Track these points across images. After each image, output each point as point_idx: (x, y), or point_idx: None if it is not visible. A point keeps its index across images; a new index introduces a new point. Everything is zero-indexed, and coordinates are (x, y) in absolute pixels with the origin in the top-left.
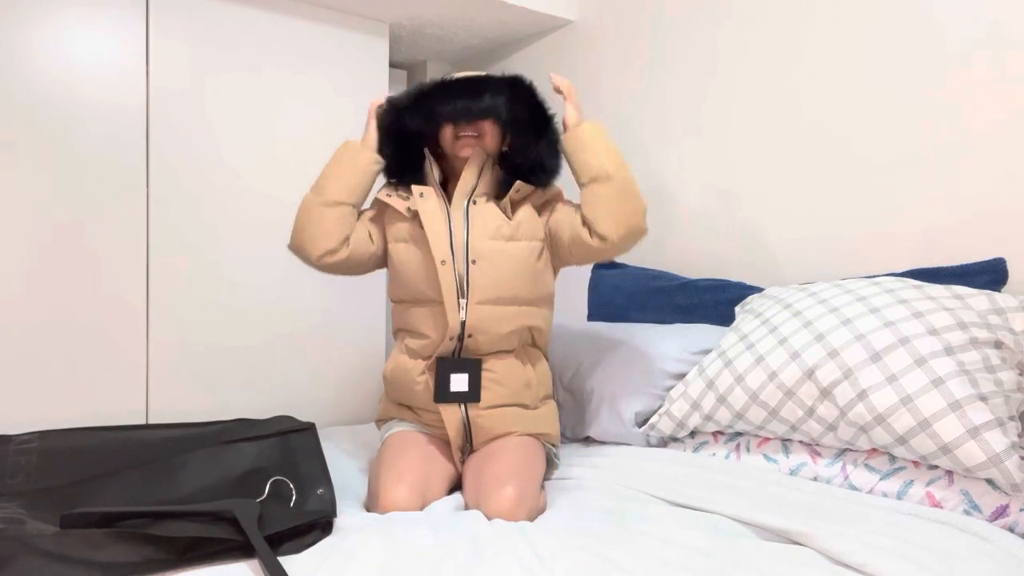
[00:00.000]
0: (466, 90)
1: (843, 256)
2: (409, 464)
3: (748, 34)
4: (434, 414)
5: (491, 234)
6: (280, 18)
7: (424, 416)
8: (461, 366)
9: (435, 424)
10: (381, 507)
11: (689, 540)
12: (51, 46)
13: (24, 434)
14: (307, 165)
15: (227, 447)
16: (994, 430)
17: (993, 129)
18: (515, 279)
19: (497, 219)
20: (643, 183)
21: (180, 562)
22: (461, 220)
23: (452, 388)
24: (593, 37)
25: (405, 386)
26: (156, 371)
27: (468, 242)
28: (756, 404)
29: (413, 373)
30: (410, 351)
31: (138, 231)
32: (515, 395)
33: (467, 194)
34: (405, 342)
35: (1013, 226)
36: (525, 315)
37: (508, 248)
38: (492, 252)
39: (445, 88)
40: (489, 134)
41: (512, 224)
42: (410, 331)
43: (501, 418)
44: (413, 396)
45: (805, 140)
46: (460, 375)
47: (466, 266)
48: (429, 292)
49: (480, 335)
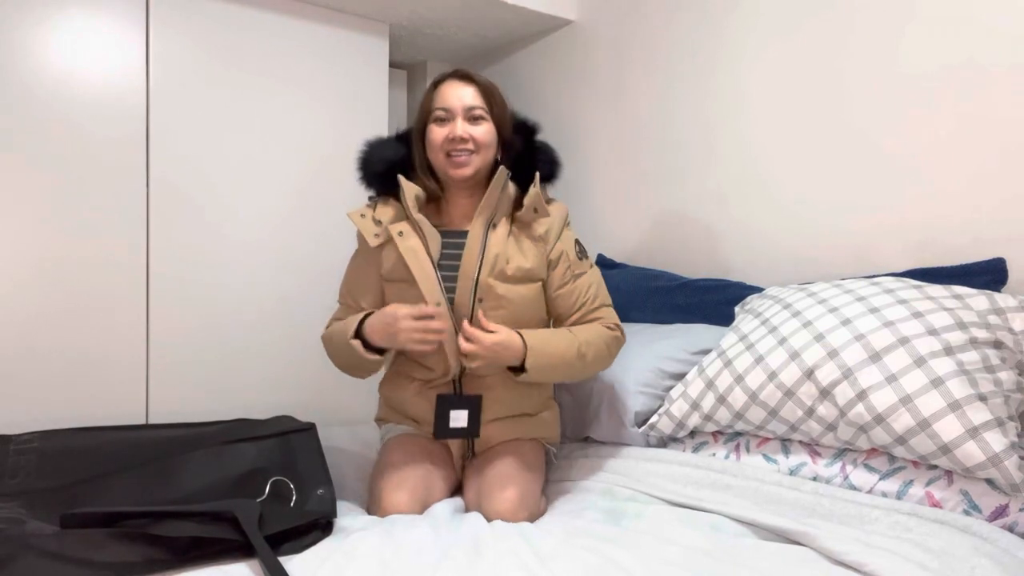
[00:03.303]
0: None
1: (843, 256)
2: (409, 470)
3: (748, 34)
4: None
5: (502, 273)
6: (280, 18)
7: (424, 427)
8: (461, 402)
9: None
10: (382, 511)
11: (689, 540)
12: (51, 46)
13: (24, 434)
14: (307, 165)
15: (227, 447)
16: (993, 430)
17: (993, 129)
18: (517, 321)
19: (511, 254)
20: (643, 183)
21: (180, 562)
22: (477, 248)
23: (451, 424)
24: (593, 37)
25: (403, 402)
26: (156, 371)
27: (479, 278)
28: (756, 404)
29: (410, 393)
30: (407, 375)
31: (138, 231)
32: (516, 407)
33: (488, 218)
34: (403, 366)
35: (1013, 226)
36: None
37: (517, 290)
38: (501, 293)
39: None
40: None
41: (526, 268)
42: (412, 365)
43: (502, 429)
44: (409, 412)
45: (805, 140)
46: (460, 412)
47: (472, 302)
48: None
49: (481, 369)
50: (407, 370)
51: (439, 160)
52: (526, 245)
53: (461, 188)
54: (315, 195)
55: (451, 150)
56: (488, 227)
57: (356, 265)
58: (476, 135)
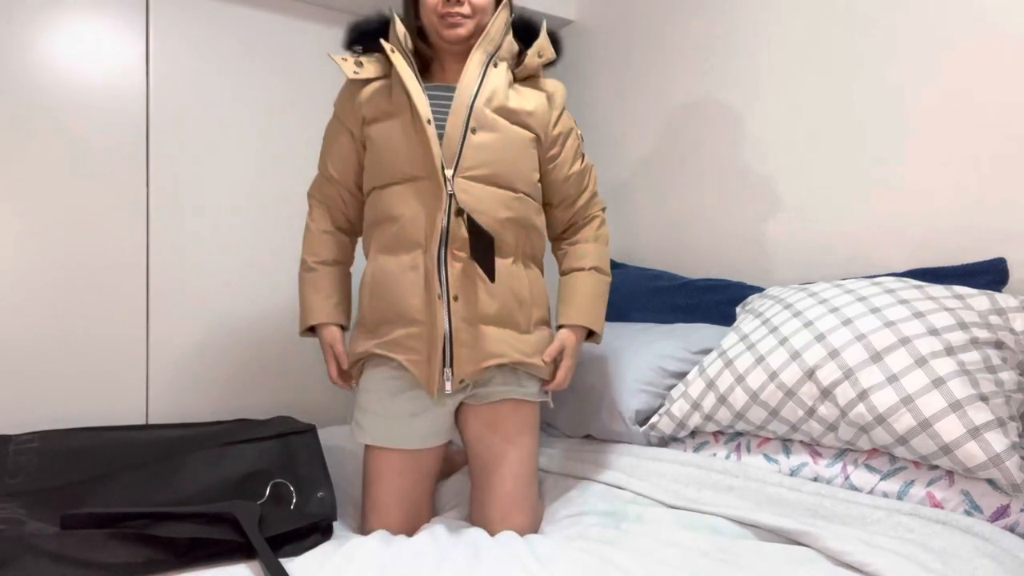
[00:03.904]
0: None
1: (843, 256)
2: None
3: (748, 33)
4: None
5: (501, 106)
6: (280, 18)
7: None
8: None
9: (413, 348)
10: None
11: (689, 541)
12: (51, 46)
13: (24, 434)
14: (307, 165)
15: (227, 448)
16: (995, 430)
17: (994, 129)
18: (512, 165)
19: (511, 95)
20: (643, 183)
21: (181, 563)
22: (474, 76)
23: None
24: (593, 37)
25: (388, 290)
26: (156, 371)
27: (473, 106)
28: (756, 404)
29: (399, 271)
30: (388, 248)
31: (138, 231)
32: (504, 312)
33: (489, 52)
34: (382, 240)
35: (1014, 226)
36: (522, 206)
37: (513, 130)
38: (496, 125)
39: None
40: (481, 9)
41: (527, 109)
42: (386, 219)
43: (487, 339)
44: (398, 301)
45: (805, 140)
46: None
47: (463, 133)
48: (409, 167)
49: (474, 214)
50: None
51: (432, 21)
52: (529, 94)
53: (455, 52)
54: None
55: (445, 12)
56: (488, 63)
57: (332, 133)
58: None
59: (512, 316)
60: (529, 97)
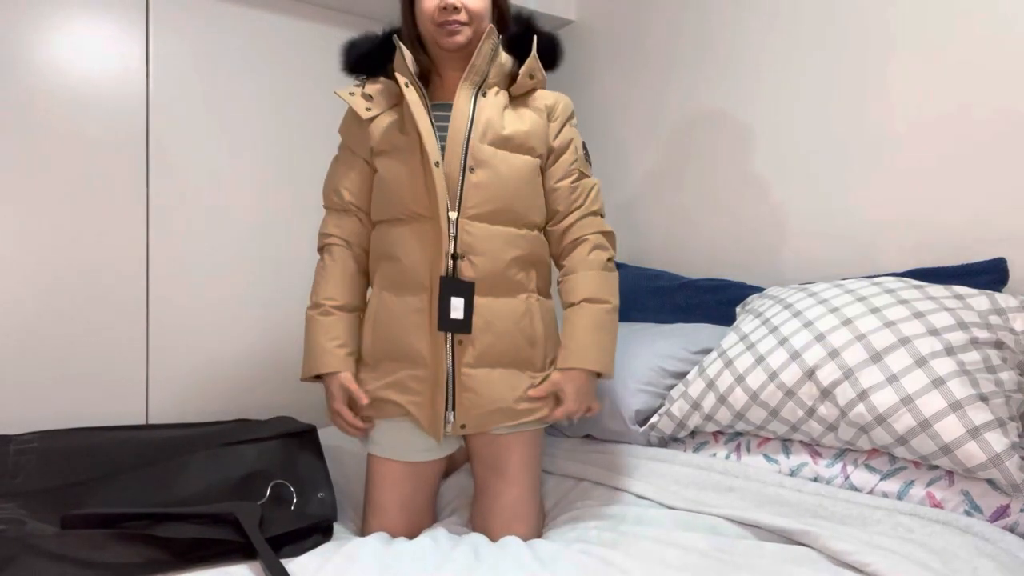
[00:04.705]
0: None
1: (843, 256)
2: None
3: (748, 33)
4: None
5: (497, 137)
6: (281, 18)
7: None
8: (459, 288)
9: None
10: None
11: (689, 541)
12: (51, 46)
13: (24, 434)
14: (307, 165)
15: (228, 449)
16: (994, 430)
17: (994, 130)
18: (515, 199)
19: (507, 120)
20: (643, 183)
21: (181, 563)
22: (465, 114)
23: (451, 315)
24: (593, 37)
25: (391, 330)
26: (156, 371)
27: (468, 144)
28: (756, 404)
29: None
30: (394, 286)
31: (138, 231)
32: (513, 352)
33: (476, 83)
34: (388, 277)
35: (1014, 226)
36: (528, 243)
37: (511, 161)
38: (494, 160)
39: None
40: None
41: (523, 131)
42: (390, 257)
43: (491, 386)
44: (401, 338)
45: (804, 140)
46: (458, 299)
47: (461, 172)
48: (413, 204)
49: (475, 256)
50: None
51: (429, 30)
52: (525, 114)
53: (453, 60)
54: (317, 195)
55: (442, 20)
56: (477, 93)
57: (344, 161)
58: (469, 5)
59: (522, 356)
60: (526, 116)
